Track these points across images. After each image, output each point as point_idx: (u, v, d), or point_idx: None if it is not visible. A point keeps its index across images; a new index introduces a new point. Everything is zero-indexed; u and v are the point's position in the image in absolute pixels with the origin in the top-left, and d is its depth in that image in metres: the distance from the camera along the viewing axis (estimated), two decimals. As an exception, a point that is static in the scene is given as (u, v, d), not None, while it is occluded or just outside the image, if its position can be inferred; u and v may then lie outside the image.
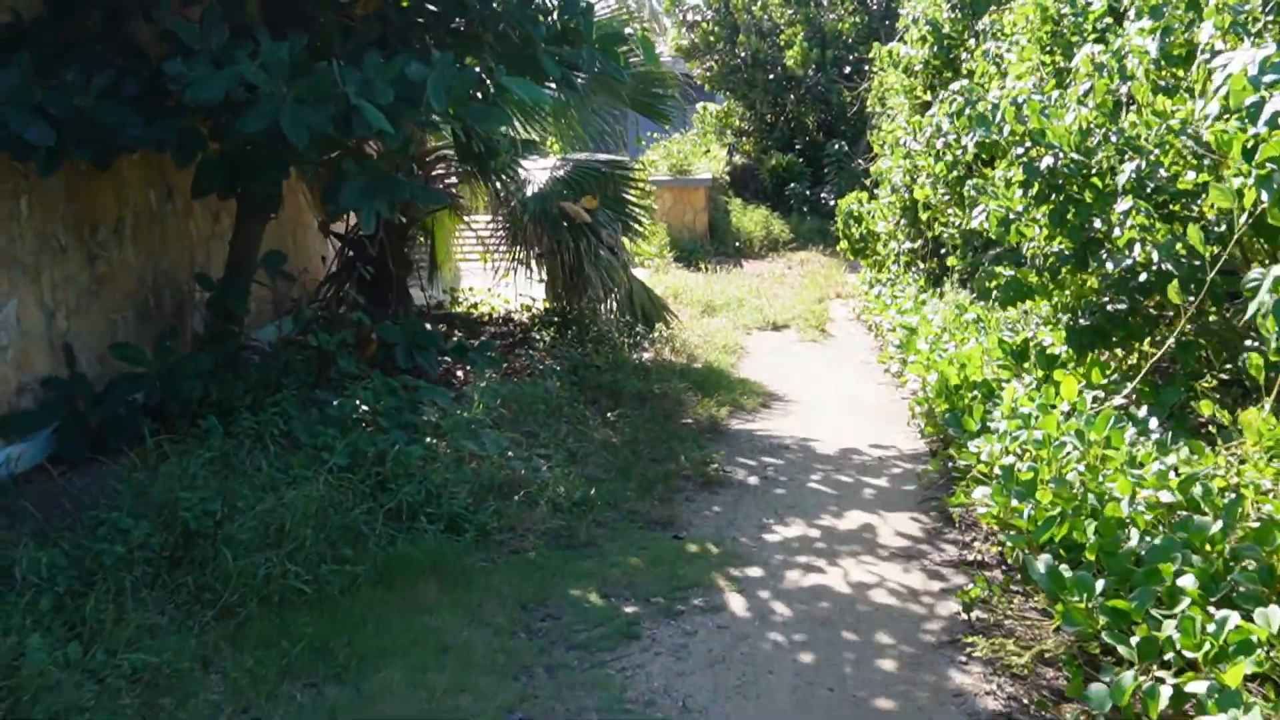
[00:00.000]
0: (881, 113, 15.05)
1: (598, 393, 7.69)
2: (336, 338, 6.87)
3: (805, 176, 18.95)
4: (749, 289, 12.68)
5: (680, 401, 7.73)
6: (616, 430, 6.93)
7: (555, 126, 9.87)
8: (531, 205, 9.14)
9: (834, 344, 10.30)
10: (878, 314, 10.72)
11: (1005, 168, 6.80)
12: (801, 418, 7.74)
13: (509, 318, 10.76)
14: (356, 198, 5.93)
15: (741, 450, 6.87)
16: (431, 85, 5.51)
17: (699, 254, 15.36)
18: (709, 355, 9.36)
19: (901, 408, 7.97)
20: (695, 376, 8.52)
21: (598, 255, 9.16)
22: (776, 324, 10.93)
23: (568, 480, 5.80)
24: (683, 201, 16.23)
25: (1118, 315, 6.35)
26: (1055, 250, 6.53)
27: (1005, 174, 6.78)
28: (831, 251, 15.87)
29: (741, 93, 19.96)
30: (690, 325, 10.59)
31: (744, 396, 8.07)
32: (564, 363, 8.24)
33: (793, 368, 9.28)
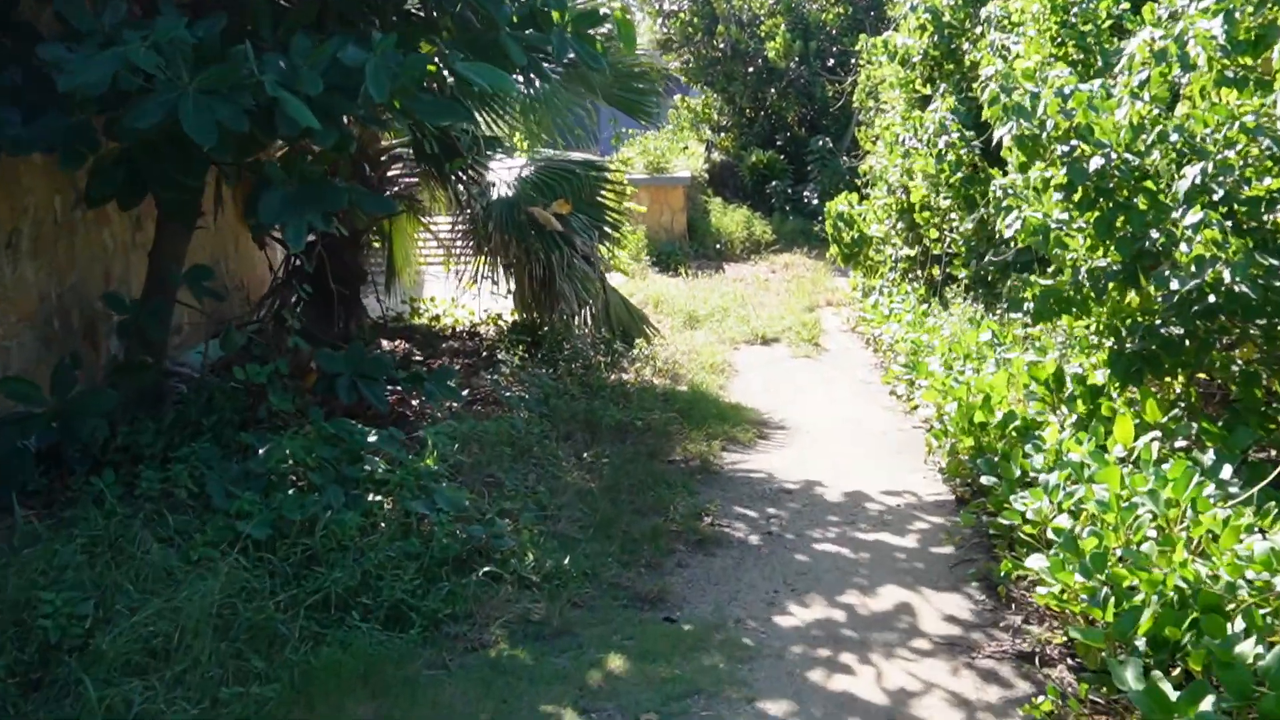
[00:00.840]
0: (871, 107, 14.19)
1: (572, 425, 6.76)
2: (267, 369, 5.90)
3: (788, 174, 18.06)
4: (733, 297, 11.78)
5: (666, 434, 6.81)
6: (594, 473, 6.01)
7: (524, 122, 8.91)
8: (497, 210, 8.19)
9: (829, 360, 9.42)
10: (876, 326, 9.84)
11: (1042, 168, 5.92)
12: (803, 451, 6.84)
13: (475, 331, 9.80)
14: (280, 209, 4.97)
15: (739, 497, 5.96)
16: (370, 73, 4.56)
17: (678, 257, 14.45)
18: (695, 375, 8.45)
19: (913, 437, 7.09)
20: (681, 401, 7.61)
21: (571, 266, 8.22)
22: (765, 337, 10.03)
23: (537, 545, 4.86)
24: (660, 201, 15.31)
25: (1172, 340, 5.49)
26: (1102, 264, 5.66)
27: (1041, 175, 5.90)
28: (817, 254, 15.01)
29: (721, 86, 19.04)
30: (672, 340, 9.68)
31: (737, 426, 7.16)
32: (534, 389, 7.31)
33: (787, 388, 8.39)
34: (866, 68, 14.28)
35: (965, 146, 9.07)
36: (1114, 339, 5.86)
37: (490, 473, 5.63)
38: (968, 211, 9.16)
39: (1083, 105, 5.53)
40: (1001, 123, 6.04)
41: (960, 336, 8.22)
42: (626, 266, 13.52)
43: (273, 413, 5.84)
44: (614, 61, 8.84)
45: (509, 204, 8.19)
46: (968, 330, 8.37)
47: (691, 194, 16.03)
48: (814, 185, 17.45)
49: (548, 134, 8.95)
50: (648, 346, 9.00)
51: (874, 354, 9.55)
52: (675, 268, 14.01)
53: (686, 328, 10.42)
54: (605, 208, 8.97)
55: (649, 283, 12.71)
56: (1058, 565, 4.16)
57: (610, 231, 9.07)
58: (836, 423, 7.45)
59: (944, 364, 7.67)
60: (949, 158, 9.13)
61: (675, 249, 14.70)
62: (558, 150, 9.64)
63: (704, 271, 13.94)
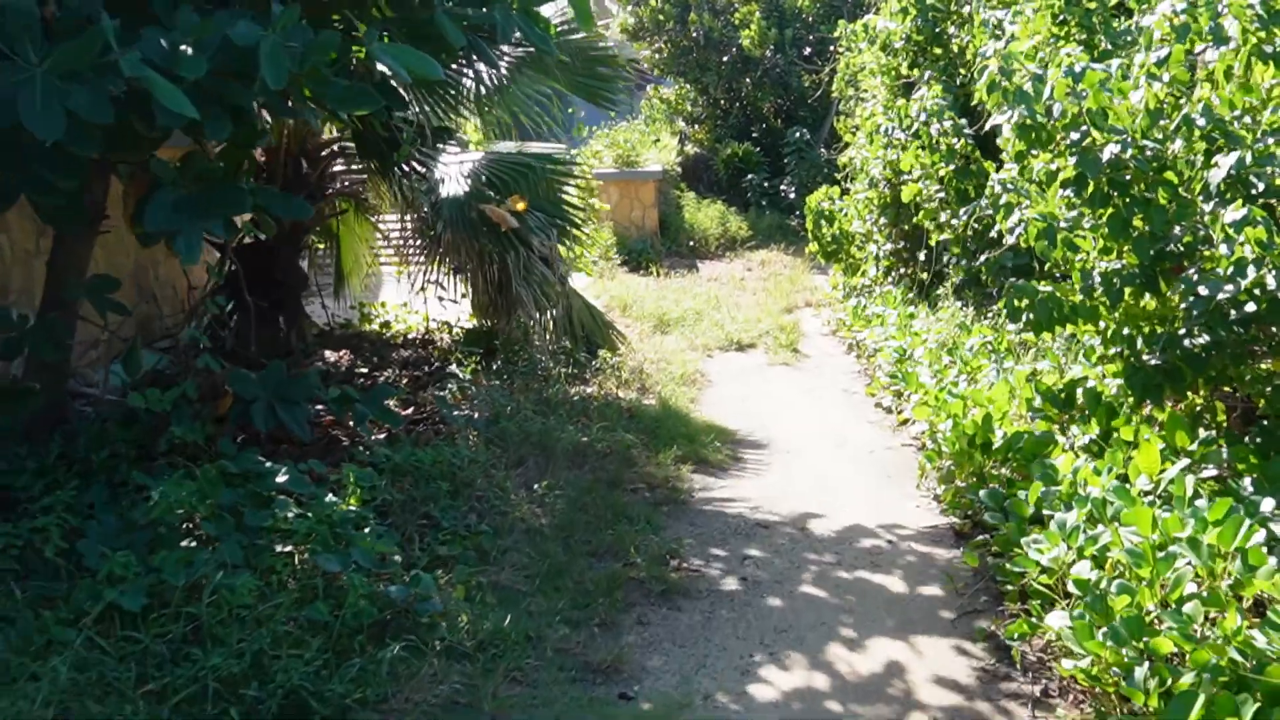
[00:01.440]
0: (851, 97, 13.51)
1: (524, 449, 6.06)
2: (171, 394, 5.18)
3: (764, 167, 17.36)
4: (707, 298, 11.08)
5: (629, 459, 6.11)
6: (546, 508, 5.31)
7: (479, 112, 8.19)
8: (446, 209, 7.46)
9: (810, 367, 8.74)
10: (858, 329, 9.18)
11: (1048, 159, 5.25)
12: (782, 475, 6.16)
13: (427, 339, 9.08)
14: (170, 215, 4.25)
15: (710, 532, 5.27)
16: (266, 54, 3.84)
17: (649, 255, 13.74)
18: (664, 387, 7.75)
19: (904, 457, 6.43)
20: (648, 418, 6.92)
21: (529, 268, 7.50)
22: (741, 343, 9.33)
23: (473, 603, 4.17)
24: (630, 196, 14.59)
25: (1198, 352, 4.84)
26: (1115, 267, 5.01)
27: (1047, 167, 5.24)
28: (795, 250, 14.34)
29: (694, 76, 18.32)
30: (641, 347, 8.98)
31: (709, 446, 6.47)
32: (485, 407, 6.60)
33: (765, 401, 7.70)
34: (845, 55, 13.60)
35: (956, 136, 8.42)
36: (1128, 350, 5.21)
37: (426, 512, 4.92)
38: (959, 206, 8.51)
39: (1095, 87, 4.87)
40: (1000, 109, 5.37)
41: (951, 343, 7.57)
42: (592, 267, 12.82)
43: (177, 445, 5.12)
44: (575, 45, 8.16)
45: (459, 201, 7.46)
46: (958, 335, 7.73)
47: (663, 189, 15.33)
48: (791, 178, 16.78)
49: (504, 125, 8.27)
50: (614, 356, 8.30)
51: (857, 360, 8.88)
52: (646, 266, 13.31)
53: (656, 333, 9.72)
54: (567, 205, 8.25)
55: (618, 283, 12.00)
56: (1084, 631, 3.50)
57: (572, 230, 8.35)
58: (819, 440, 6.77)
59: (934, 374, 7.03)
60: (939, 148, 8.48)
61: (646, 246, 14.00)
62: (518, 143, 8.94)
63: (676, 270, 13.24)
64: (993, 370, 6.84)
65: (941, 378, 6.95)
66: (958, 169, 8.53)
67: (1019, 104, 5.10)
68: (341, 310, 9.40)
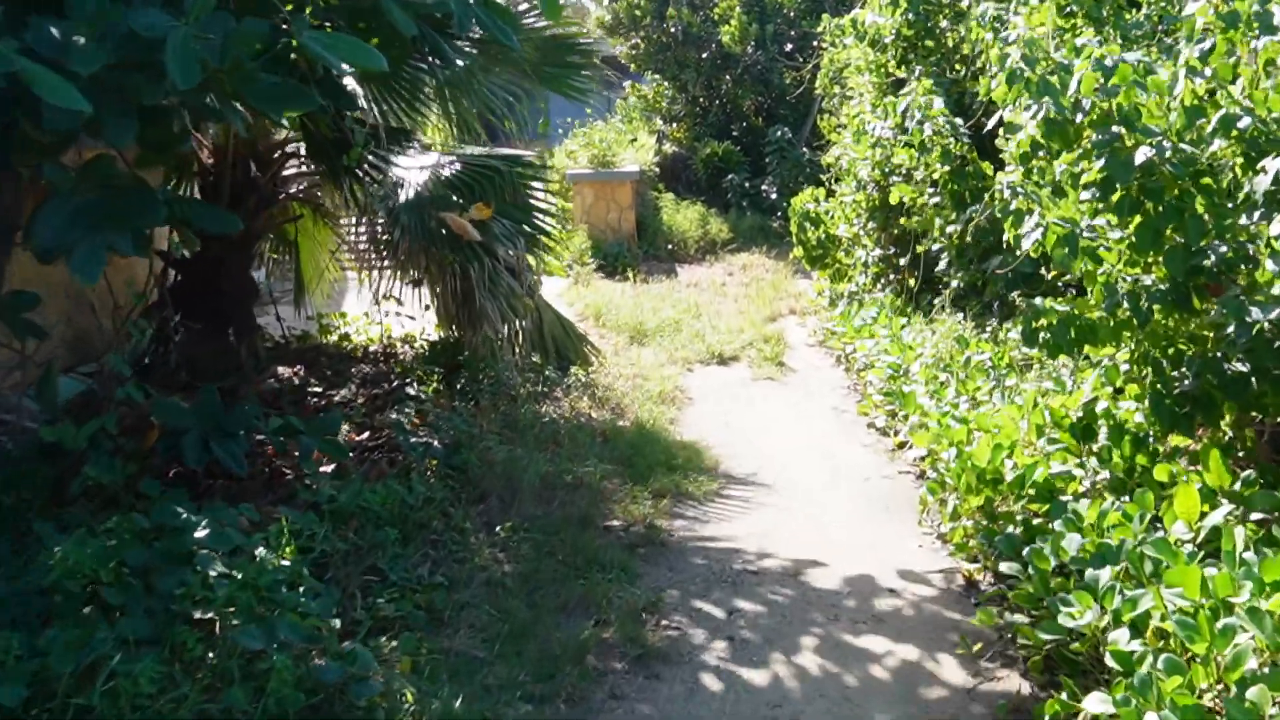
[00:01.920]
0: (835, 94, 13.02)
1: (488, 482, 5.50)
2: (87, 428, 4.60)
3: (744, 167, 16.80)
4: (686, 306, 10.54)
5: (602, 492, 5.57)
6: (510, 553, 4.76)
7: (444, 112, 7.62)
8: (405, 216, 6.88)
9: (797, 382, 8.21)
10: (847, 340, 8.66)
11: (1070, 160, 4.73)
12: (771, 509, 5.63)
13: (390, 352, 8.50)
14: (65, 227, 3.68)
15: (693, 581, 4.73)
16: (173, 48, 3.28)
17: (625, 259, 13.18)
18: (641, 408, 7.21)
19: (903, 486, 5.91)
20: (623, 443, 6.38)
21: (494, 280, 6.93)
22: (723, 356, 8.79)
23: (421, 677, 3.62)
24: (606, 198, 14.03)
25: (1235, 380, 4.35)
26: (1146, 282, 4.50)
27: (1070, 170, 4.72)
28: (777, 253, 13.82)
29: (672, 73, 17.75)
30: (616, 361, 8.44)
31: (691, 476, 5.94)
32: (446, 432, 6.04)
33: (750, 422, 7.17)
34: (829, 51, 13.10)
35: (952, 136, 7.91)
36: (1155, 375, 4.71)
37: (372, 563, 4.36)
38: (955, 211, 8.01)
39: (1128, 82, 4.36)
40: (1021, 104, 4.84)
41: (948, 358, 7.06)
42: (566, 271, 12.26)
43: (93, 487, 4.54)
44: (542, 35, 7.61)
45: (418, 207, 6.88)
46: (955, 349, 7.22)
47: (641, 190, 14.76)
48: (773, 178, 16.25)
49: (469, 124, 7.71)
50: (587, 371, 7.75)
51: (846, 374, 8.36)
52: (623, 271, 12.76)
53: (633, 344, 9.17)
54: (535, 210, 7.69)
55: (592, 290, 11.44)
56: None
57: (542, 238, 7.79)
58: (809, 467, 6.25)
59: (931, 393, 6.52)
60: (933, 149, 7.97)
61: (623, 250, 13.44)
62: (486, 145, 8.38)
63: (654, 275, 12.68)
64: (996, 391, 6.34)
65: (939, 397, 6.44)
66: (953, 171, 8.03)
67: (1042, 97, 4.57)
68: (301, 322, 8.83)
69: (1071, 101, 4.50)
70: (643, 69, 18.17)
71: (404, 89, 7.02)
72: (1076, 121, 4.50)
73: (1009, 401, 5.90)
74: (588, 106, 8.62)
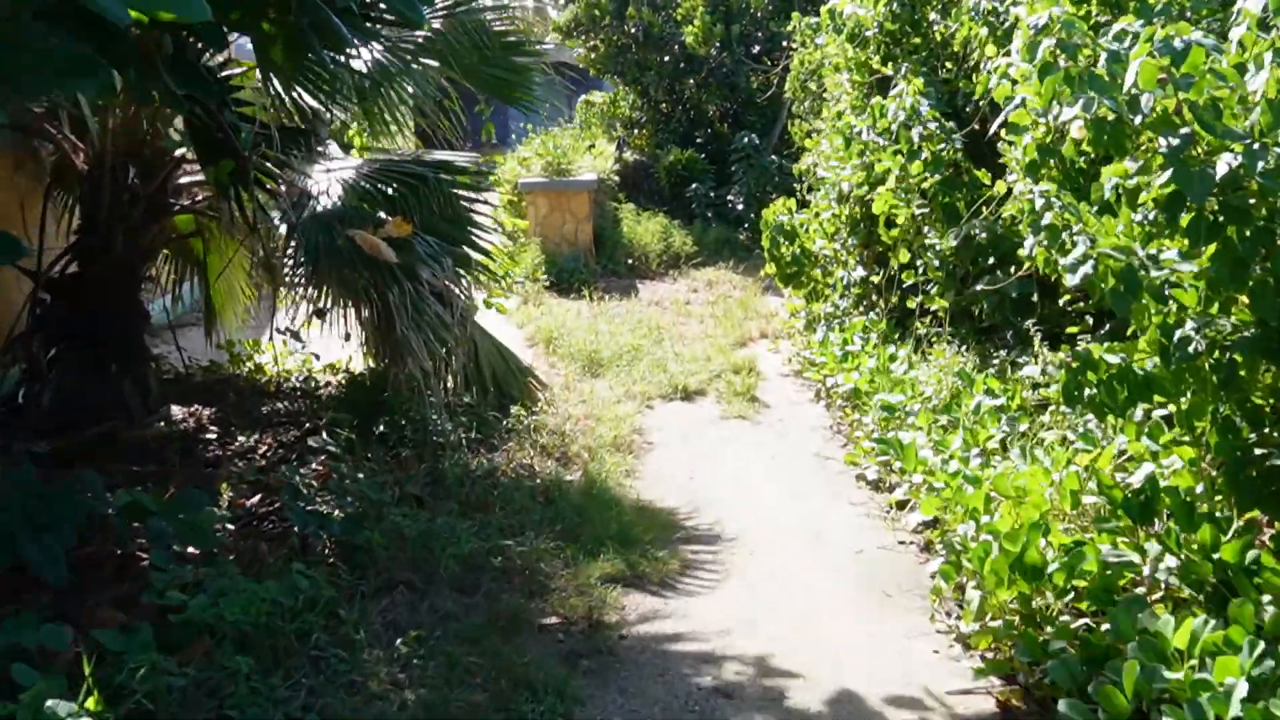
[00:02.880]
0: (806, 97, 12.04)
1: (397, 566, 4.43)
2: None
3: (709, 175, 15.79)
4: (647, 329, 9.49)
5: (539, 576, 4.51)
6: (412, 673, 3.68)
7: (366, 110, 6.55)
8: (310, 233, 5.80)
9: (772, 421, 7.17)
10: (829, 372, 7.65)
11: (1121, 173, 3.74)
12: (746, 595, 4.58)
13: (309, 385, 7.41)
14: None
15: (649, 707, 3.66)
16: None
17: (582, 275, 12.12)
18: (592, 457, 6.16)
19: (904, 562, 4.89)
20: (569, 505, 5.32)
21: (418, 308, 5.84)
22: (688, 389, 7.73)
23: None
24: (561, 209, 12.96)
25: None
26: (1230, 326, 3.52)
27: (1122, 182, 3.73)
28: (745, 268, 12.83)
29: (633, 76, 16.70)
30: (566, 396, 7.38)
31: (648, 550, 4.88)
32: (351, 499, 4.96)
33: (719, 474, 6.13)
34: (800, 52, 12.13)
35: (944, 141, 6.93)
36: (1229, 438, 3.73)
37: (219, 710, 3.27)
38: (947, 224, 7.03)
39: (1203, 72, 3.37)
40: (1065, 99, 3.84)
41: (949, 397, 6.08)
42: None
43: None
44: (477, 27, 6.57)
45: (324, 223, 5.80)
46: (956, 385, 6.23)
47: (599, 199, 13.71)
48: (739, 188, 15.26)
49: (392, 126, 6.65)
50: (530, 412, 6.68)
51: (828, 410, 7.35)
52: (578, 289, 11.69)
53: (586, 375, 8.11)
54: (471, 225, 6.63)
55: (544, 310, 10.37)
56: None
57: (479, 256, 6.73)
58: (790, 534, 5.22)
59: (933, 442, 5.52)
60: (923, 155, 6.99)
61: (579, 265, 12.37)
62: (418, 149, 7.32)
63: (613, 293, 11.62)
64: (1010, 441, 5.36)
65: (943, 448, 5.44)
66: (945, 180, 7.05)
67: (1090, 92, 3.57)
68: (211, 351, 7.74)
69: (1126, 98, 3.50)
70: (602, 72, 17.13)
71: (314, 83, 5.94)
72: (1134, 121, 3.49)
73: (1030, 458, 4.90)
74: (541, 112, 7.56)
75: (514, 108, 7.04)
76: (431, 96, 6.29)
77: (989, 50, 6.65)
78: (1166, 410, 4.24)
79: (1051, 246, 4.14)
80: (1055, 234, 4.12)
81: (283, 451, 6.09)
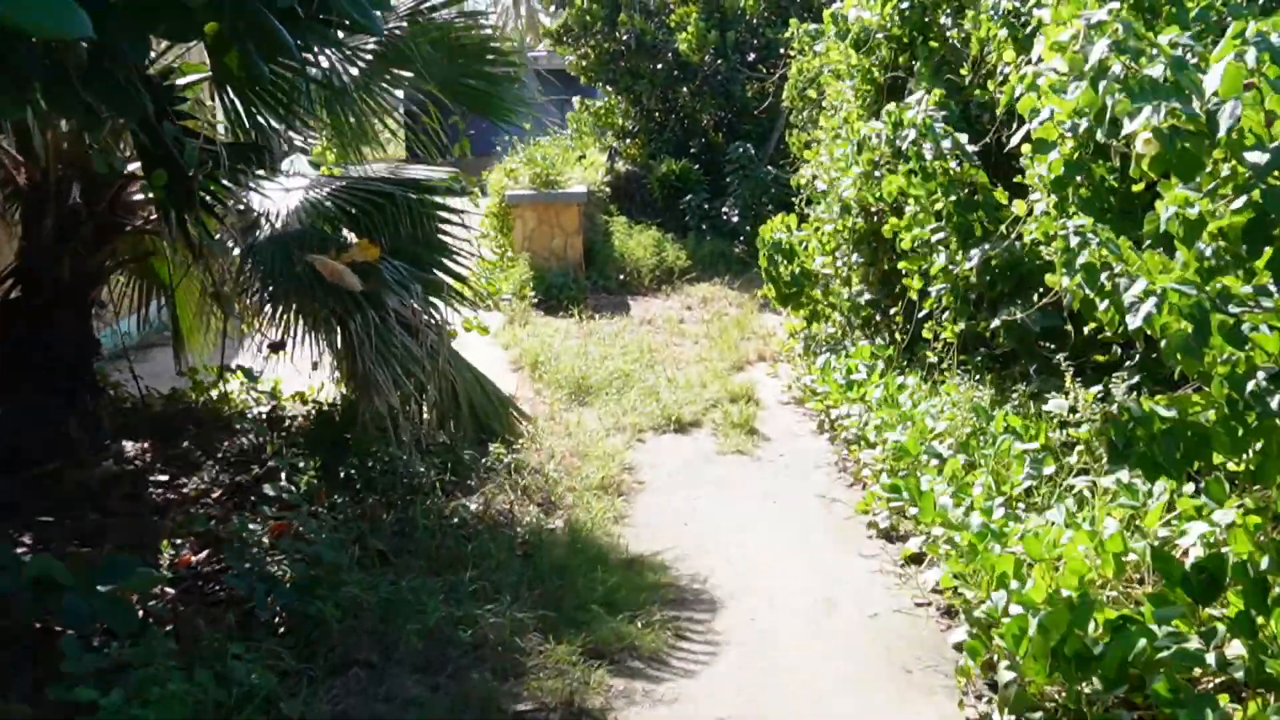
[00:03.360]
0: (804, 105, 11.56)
1: (352, 641, 3.91)
2: None
3: (703, 186, 15.26)
4: (638, 351, 8.98)
5: (514, 652, 3.98)
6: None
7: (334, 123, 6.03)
8: (263, 257, 5.28)
9: (772, 456, 6.65)
10: (832, 403, 7.14)
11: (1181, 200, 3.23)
12: (750, 671, 4.05)
13: (277, 415, 6.87)
14: None
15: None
16: None
17: (571, 292, 11.61)
18: (578, 500, 5.64)
19: (924, 630, 4.36)
20: (551, 561, 4.80)
21: (385, 339, 5.32)
22: (681, 421, 7.20)
23: None
24: (549, 223, 12.44)
25: None
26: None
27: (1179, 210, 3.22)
28: (741, 284, 12.32)
29: (625, 84, 16.18)
30: (551, 427, 6.86)
31: (638, 619, 4.36)
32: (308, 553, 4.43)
33: (716, 520, 5.61)
34: (798, 59, 11.65)
35: (958, 158, 6.43)
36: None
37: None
38: (963, 246, 6.53)
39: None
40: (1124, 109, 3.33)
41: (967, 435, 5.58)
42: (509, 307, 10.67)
43: None
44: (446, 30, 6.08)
45: (282, 246, 5.28)
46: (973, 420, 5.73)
47: (589, 212, 13.19)
48: (735, 199, 14.75)
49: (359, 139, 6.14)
50: (509, 450, 6.16)
51: (832, 443, 6.84)
52: (567, 307, 11.17)
53: (574, 402, 7.60)
54: (442, 249, 6.12)
55: (530, 330, 9.86)
56: None
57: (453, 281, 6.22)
58: (796, 592, 4.70)
59: (952, 490, 5.01)
60: (936, 172, 6.49)
61: (568, 281, 11.86)
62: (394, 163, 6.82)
63: (603, 311, 11.11)
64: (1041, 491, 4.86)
65: (964, 496, 4.94)
66: (960, 200, 6.55)
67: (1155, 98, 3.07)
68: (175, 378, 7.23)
69: (1208, 108, 3.00)
70: (593, 80, 16.62)
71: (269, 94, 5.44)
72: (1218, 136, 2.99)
73: (1068, 517, 4.39)
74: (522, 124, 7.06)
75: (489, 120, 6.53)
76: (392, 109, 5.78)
77: (1008, 55, 6.16)
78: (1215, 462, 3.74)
79: (1089, 287, 3.64)
80: (1093, 274, 3.62)
81: (238, 497, 5.57)
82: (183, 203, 4.56)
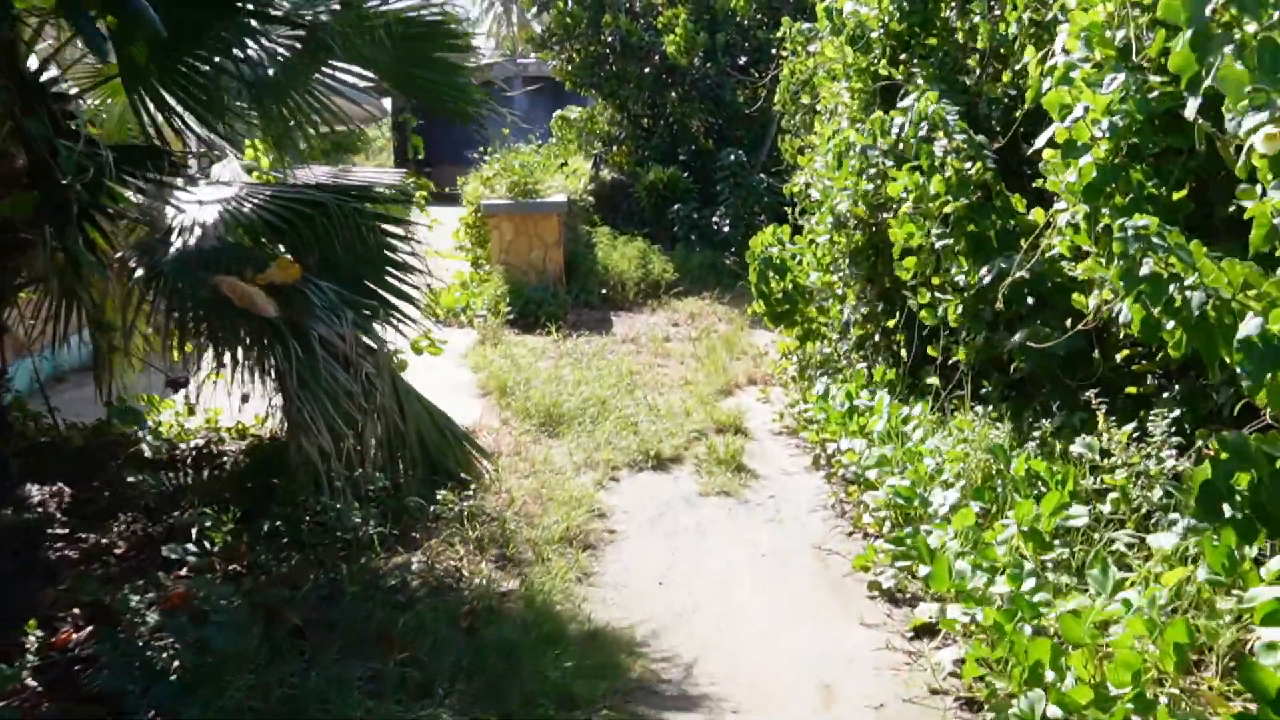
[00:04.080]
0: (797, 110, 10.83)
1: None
2: None
3: (693, 195, 14.55)
4: (617, 374, 8.25)
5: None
6: None
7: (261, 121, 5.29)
8: (167, 275, 4.54)
9: (762, 499, 5.92)
10: (828, 435, 6.42)
11: None
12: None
13: (207, 450, 6.15)
14: None
15: None
16: None
17: (550, 307, 10.87)
18: (539, 555, 4.91)
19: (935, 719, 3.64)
20: (499, 639, 4.06)
21: (312, 372, 4.58)
22: (661, 456, 6.46)
23: None
24: (528, 234, 11.70)
25: None
26: None
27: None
28: (731, 298, 11.62)
29: (610, 89, 15.46)
30: (515, 465, 6.13)
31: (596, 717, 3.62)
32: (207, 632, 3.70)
33: (695, 579, 4.87)
34: (791, 61, 10.93)
35: (972, 158, 5.73)
36: None
37: None
38: (973, 259, 5.81)
39: None
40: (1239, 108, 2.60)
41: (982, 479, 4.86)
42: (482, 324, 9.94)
43: None
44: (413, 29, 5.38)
45: (187, 266, 4.54)
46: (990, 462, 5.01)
47: (571, 223, 12.46)
48: (725, 209, 14.05)
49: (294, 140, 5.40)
50: (460, 498, 5.42)
51: (828, 481, 6.12)
52: (545, 323, 10.43)
53: (544, 433, 6.87)
54: (387, 266, 5.40)
55: (502, 351, 9.12)
56: None
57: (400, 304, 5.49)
58: (788, 678, 3.96)
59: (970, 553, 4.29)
60: (946, 173, 5.78)
61: (548, 296, 11.12)
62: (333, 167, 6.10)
63: (583, 328, 10.38)
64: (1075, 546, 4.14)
65: (984, 559, 4.21)
66: (973, 205, 5.84)
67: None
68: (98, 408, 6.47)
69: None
70: (578, 85, 15.90)
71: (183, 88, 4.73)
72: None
73: (1107, 584, 3.67)
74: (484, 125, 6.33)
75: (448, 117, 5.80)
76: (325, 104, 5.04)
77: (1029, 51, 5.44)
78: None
79: (1155, 303, 2.93)
80: (1159, 287, 2.91)
81: (145, 553, 4.83)
82: (54, 219, 3.83)
